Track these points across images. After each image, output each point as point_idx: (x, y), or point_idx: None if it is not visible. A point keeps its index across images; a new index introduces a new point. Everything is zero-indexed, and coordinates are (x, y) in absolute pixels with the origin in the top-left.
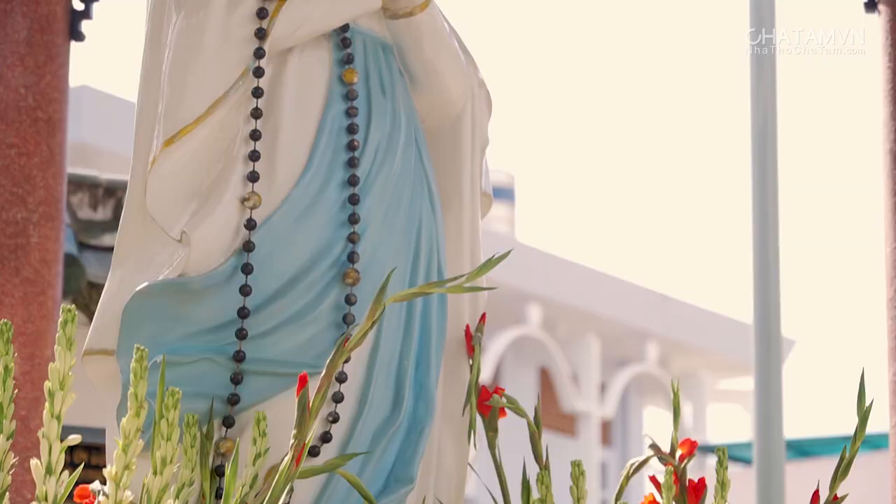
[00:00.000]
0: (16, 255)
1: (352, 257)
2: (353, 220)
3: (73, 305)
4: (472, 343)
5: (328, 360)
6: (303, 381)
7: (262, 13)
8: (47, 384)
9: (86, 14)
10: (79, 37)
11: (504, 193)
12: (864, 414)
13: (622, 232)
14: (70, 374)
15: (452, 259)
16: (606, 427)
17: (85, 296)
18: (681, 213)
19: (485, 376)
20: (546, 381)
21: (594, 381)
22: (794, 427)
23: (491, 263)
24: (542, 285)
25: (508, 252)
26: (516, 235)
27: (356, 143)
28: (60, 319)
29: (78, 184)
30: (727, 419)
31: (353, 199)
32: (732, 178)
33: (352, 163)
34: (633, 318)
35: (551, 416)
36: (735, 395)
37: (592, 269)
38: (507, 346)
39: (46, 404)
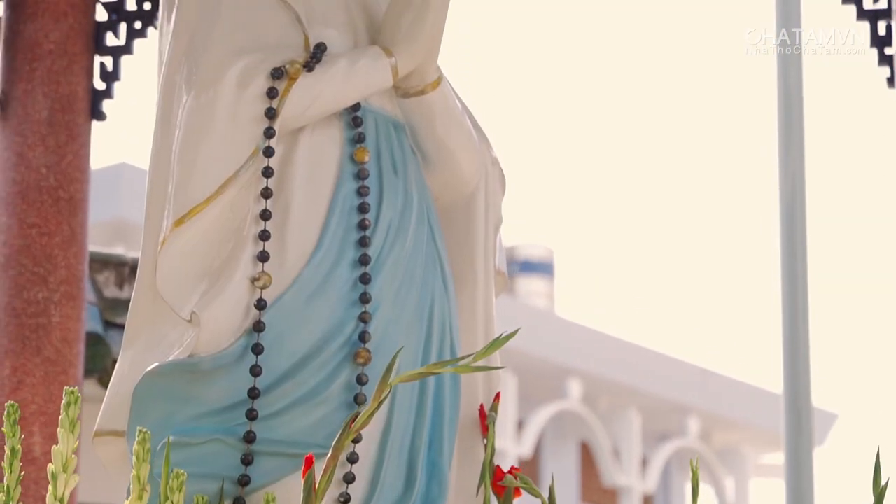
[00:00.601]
0: (37, 335)
1: (363, 337)
2: (364, 299)
3: (78, 388)
4: (486, 422)
5: (335, 441)
6: (308, 463)
7: (272, 92)
8: (50, 466)
9: (107, 94)
10: (100, 116)
11: (543, 268)
12: (879, 495)
13: (661, 305)
14: (73, 456)
15: (466, 338)
16: (648, 502)
17: (110, 374)
18: (721, 285)
19: (525, 451)
20: (587, 455)
21: (635, 456)
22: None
23: (498, 343)
24: (583, 360)
25: (516, 331)
26: (555, 310)
27: (367, 223)
28: (63, 401)
29: (104, 262)
30: (769, 494)
31: (365, 279)
32: (766, 248)
33: (363, 242)
34: (674, 392)
35: (593, 490)
36: (777, 469)
37: (632, 343)
38: (547, 421)
39: (49, 486)
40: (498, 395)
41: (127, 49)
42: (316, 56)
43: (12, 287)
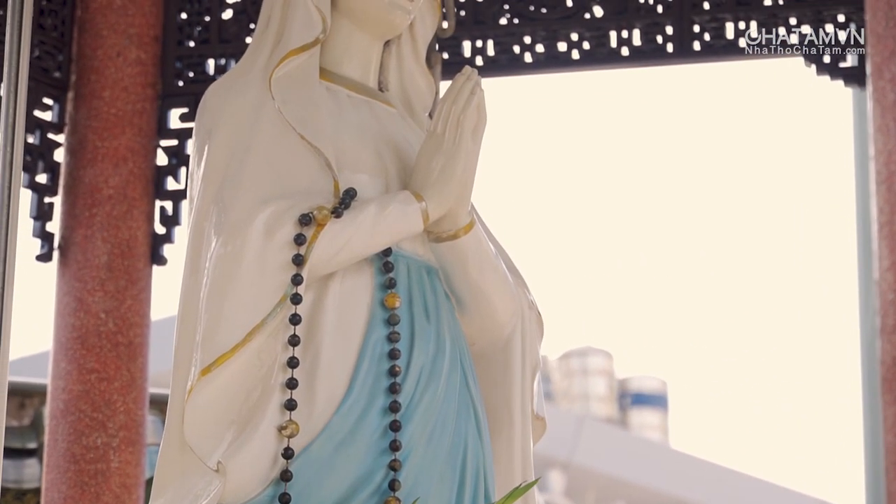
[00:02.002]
0: (96, 481)
1: (393, 485)
2: (394, 447)
3: None
4: None
5: None
6: None
7: (299, 239)
8: None
9: (167, 238)
10: (160, 261)
11: (657, 401)
12: None
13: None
14: None
15: (503, 484)
16: None
17: None
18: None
19: None
20: None
21: None
22: None
23: (518, 492)
24: (699, 492)
25: (536, 480)
26: (670, 443)
27: (398, 369)
28: None
29: (165, 403)
30: None
31: (395, 426)
32: None
33: (393, 389)
34: None
35: None
36: None
37: (749, 475)
38: None
39: None
40: None
41: (187, 193)
42: (345, 201)
43: (71, 433)
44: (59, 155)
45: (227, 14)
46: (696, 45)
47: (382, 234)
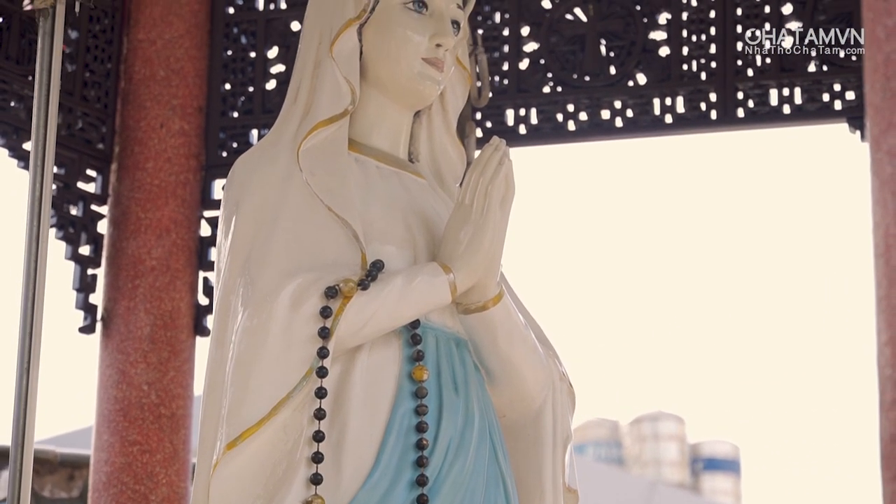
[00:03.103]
0: None
1: None
2: None
3: None
4: None
5: None
6: None
7: (325, 311)
8: None
9: (210, 309)
10: (203, 332)
11: (729, 465)
12: None
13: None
14: None
15: None
16: None
17: None
18: None
19: None
20: None
21: None
22: None
23: None
24: None
25: None
26: None
27: (425, 442)
28: None
29: None
30: None
31: (422, 500)
32: None
33: (420, 462)
34: None
35: None
36: None
37: None
38: None
39: None
40: None
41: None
42: (371, 274)
43: None
44: (103, 227)
45: (271, 84)
46: (740, 112)
47: (409, 307)
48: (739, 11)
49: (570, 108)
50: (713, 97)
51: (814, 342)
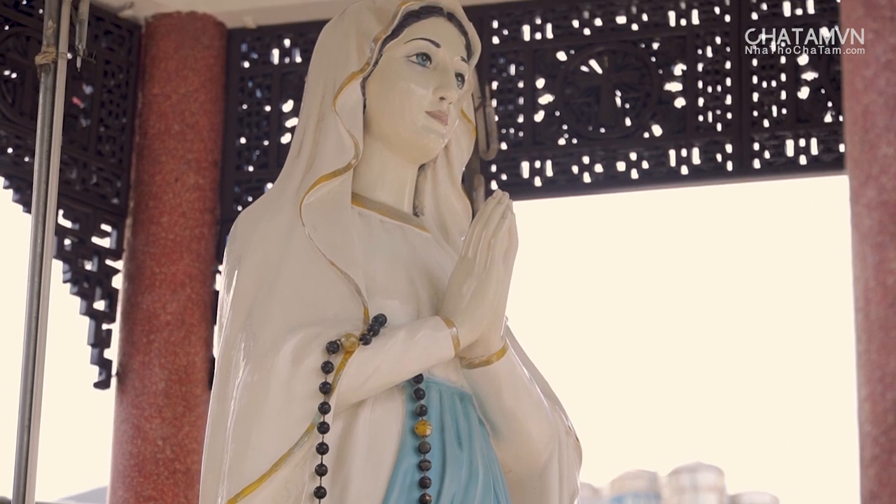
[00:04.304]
0: None
1: None
2: None
3: None
4: None
5: None
6: None
7: (327, 367)
8: None
9: None
10: None
11: None
12: None
13: None
14: None
15: None
16: None
17: None
18: None
19: None
20: None
21: None
22: None
23: None
24: None
25: None
26: None
27: (428, 498)
28: None
29: None
30: None
31: None
32: None
33: None
34: None
35: None
36: None
37: None
38: None
39: None
40: None
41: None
42: (373, 328)
43: None
44: (118, 281)
45: (286, 138)
46: (756, 163)
47: (412, 362)
48: (755, 62)
49: (586, 159)
50: (729, 148)
51: (853, 392)
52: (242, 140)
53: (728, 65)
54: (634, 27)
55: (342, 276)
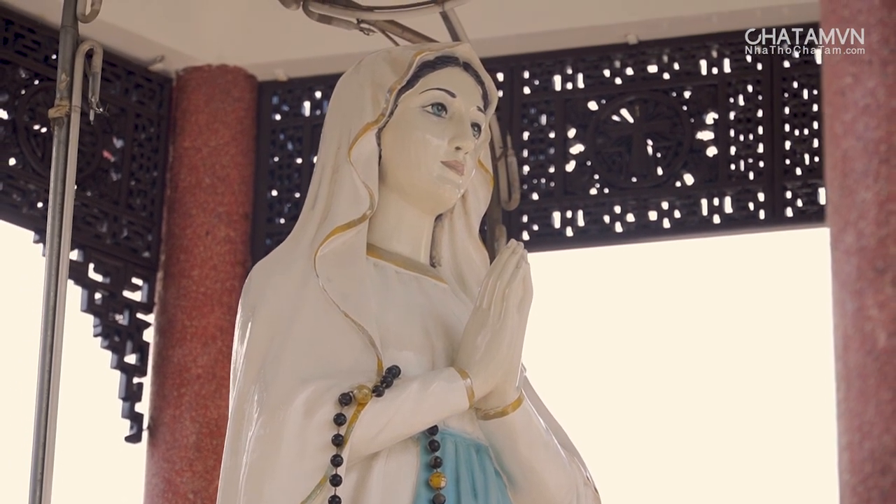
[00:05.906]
0: None
1: None
2: None
3: None
4: None
5: None
6: None
7: (339, 419)
8: None
9: None
10: None
11: None
12: None
13: None
14: None
15: None
16: None
17: None
18: None
19: None
20: None
21: None
22: None
23: None
24: None
25: None
26: None
27: None
28: None
29: None
30: None
31: None
32: None
33: None
34: None
35: None
36: None
37: None
38: None
39: None
40: None
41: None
42: (387, 380)
43: None
44: (149, 335)
45: None
46: (789, 212)
47: (426, 413)
48: (787, 110)
49: (618, 209)
50: (761, 197)
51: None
52: (273, 192)
53: (760, 113)
54: (666, 76)
55: (356, 327)
